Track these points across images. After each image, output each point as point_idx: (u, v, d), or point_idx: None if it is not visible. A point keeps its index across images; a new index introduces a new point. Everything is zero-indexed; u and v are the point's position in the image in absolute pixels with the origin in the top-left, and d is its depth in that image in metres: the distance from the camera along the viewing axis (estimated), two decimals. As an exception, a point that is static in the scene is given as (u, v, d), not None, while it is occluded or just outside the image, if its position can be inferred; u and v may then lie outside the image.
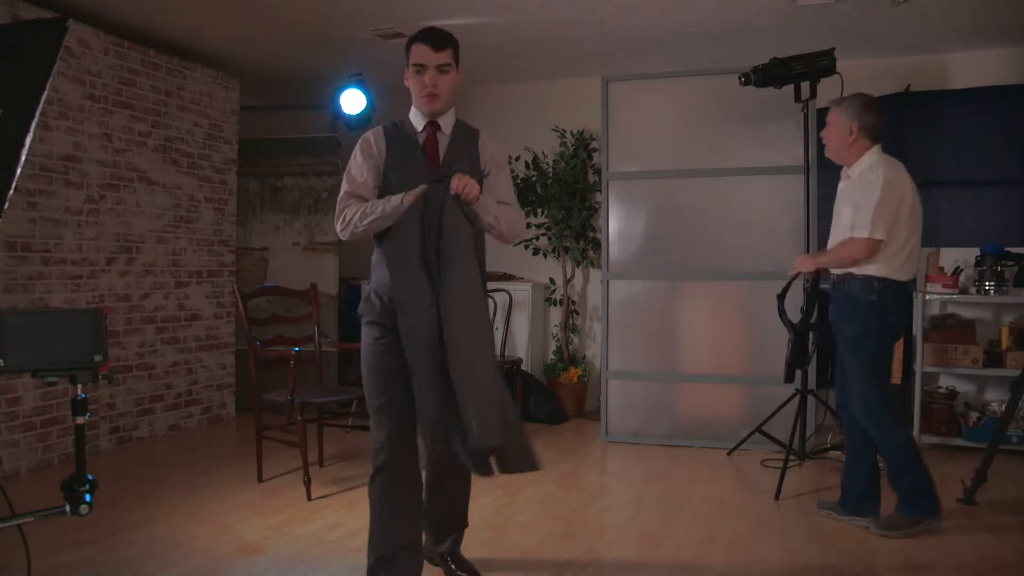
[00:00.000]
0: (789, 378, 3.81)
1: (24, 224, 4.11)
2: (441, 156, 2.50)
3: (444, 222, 2.31)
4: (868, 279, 3.14)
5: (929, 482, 3.16)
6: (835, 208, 3.35)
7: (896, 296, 3.17)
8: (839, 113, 3.28)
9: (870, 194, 3.09)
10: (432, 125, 2.51)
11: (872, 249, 3.10)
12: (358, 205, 2.43)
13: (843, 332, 3.24)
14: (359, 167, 2.50)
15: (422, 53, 2.42)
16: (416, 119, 2.53)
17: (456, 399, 2.22)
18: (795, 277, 3.63)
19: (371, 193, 2.48)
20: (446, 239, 2.31)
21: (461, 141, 2.55)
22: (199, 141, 5.33)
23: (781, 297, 3.73)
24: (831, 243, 3.35)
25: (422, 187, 2.35)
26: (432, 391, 2.27)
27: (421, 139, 2.51)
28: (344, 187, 2.50)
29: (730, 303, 4.89)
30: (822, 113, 4.36)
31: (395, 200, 2.35)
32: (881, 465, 3.38)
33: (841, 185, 3.35)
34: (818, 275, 3.57)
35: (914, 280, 3.40)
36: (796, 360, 3.79)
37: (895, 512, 3.19)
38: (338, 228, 2.47)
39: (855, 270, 3.18)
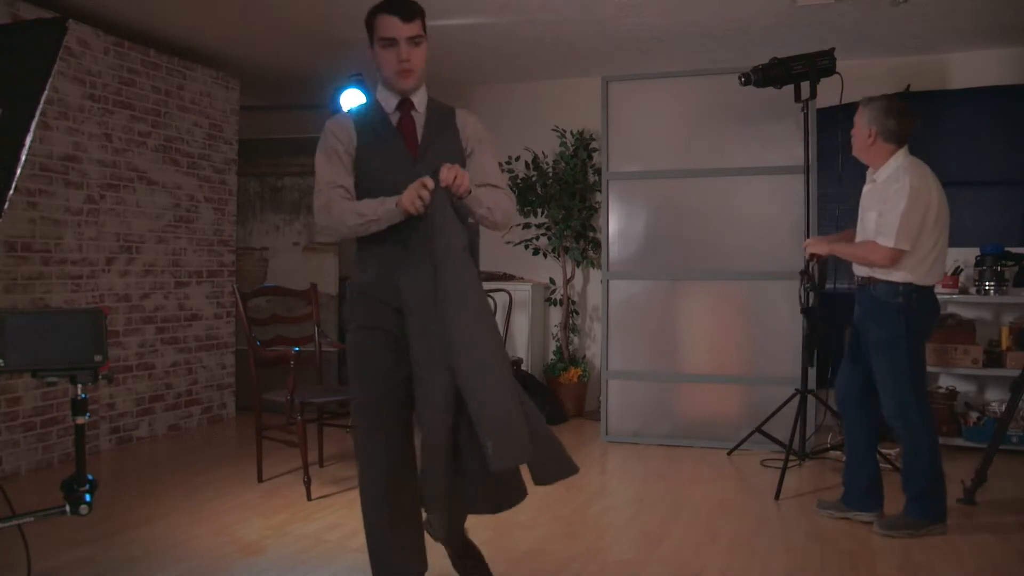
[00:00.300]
0: (808, 360, 3.97)
1: (24, 224, 4.11)
2: (419, 137, 2.30)
3: (434, 218, 2.07)
4: (892, 283, 3.12)
5: (942, 489, 3.15)
6: (860, 213, 3.32)
7: (922, 299, 3.15)
8: (861, 115, 3.25)
9: (896, 202, 3.06)
10: (406, 104, 2.30)
11: (894, 258, 3.07)
12: (343, 199, 2.23)
13: (872, 334, 3.20)
14: (332, 153, 2.27)
15: (391, 25, 2.18)
16: (386, 99, 2.31)
17: (468, 414, 2.01)
18: (811, 258, 3.64)
19: (350, 180, 2.27)
20: (438, 237, 2.07)
21: (437, 119, 2.33)
22: (199, 141, 5.33)
23: (803, 273, 3.76)
24: None
25: (421, 188, 2.09)
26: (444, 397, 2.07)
27: (395, 119, 2.30)
28: (322, 176, 2.26)
29: (730, 303, 4.89)
30: (822, 113, 4.41)
31: (389, 204, 2.14)
32: (883, 465, 3.38)
33: (866, 188, 3.31)
34: (825, 261, 3.56)
35: None
36: (811, 341, 3.90)
37: (902, 513, 3.18)
38: (321, 222, 2.25)
39: (878, 274, 3.15)
